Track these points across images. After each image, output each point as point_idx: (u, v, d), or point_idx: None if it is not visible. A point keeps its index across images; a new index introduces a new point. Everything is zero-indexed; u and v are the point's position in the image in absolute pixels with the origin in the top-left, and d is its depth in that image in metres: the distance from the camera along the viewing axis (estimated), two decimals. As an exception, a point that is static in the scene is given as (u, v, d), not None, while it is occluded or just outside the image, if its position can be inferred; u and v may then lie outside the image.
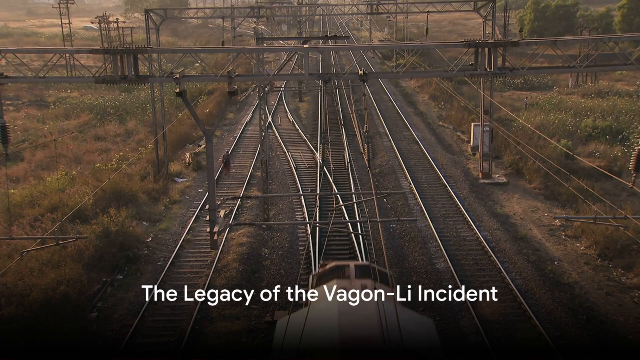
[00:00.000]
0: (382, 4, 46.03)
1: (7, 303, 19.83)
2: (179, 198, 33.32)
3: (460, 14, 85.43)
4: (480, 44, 18.02)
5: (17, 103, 55.58)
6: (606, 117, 44.84)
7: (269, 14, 50.51)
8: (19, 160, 38.51)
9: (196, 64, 66.69)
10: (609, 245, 25.62)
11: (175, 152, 41.56)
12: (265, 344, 19.58)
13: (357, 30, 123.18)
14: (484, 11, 34.50)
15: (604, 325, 20.63)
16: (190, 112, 16.88)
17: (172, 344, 19.71)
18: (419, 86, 64.06)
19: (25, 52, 22.84)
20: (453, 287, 22.95)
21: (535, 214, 30.44)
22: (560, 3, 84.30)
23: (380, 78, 60.52)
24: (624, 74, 62.38)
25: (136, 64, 18.07)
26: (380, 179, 35.32)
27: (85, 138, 43.59)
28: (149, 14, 34.66)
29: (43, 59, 53.58)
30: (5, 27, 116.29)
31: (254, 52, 26.16)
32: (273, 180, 35.26)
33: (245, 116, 52.84)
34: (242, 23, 63.23)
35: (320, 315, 12.67)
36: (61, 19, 70.07)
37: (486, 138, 35.44)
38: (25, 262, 21.90)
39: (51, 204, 27.63)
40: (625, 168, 32.13)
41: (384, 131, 45.98)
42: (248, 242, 27.04)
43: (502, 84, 59.59)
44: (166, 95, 43.97)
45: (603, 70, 44.49)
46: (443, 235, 27.40)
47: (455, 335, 20.04)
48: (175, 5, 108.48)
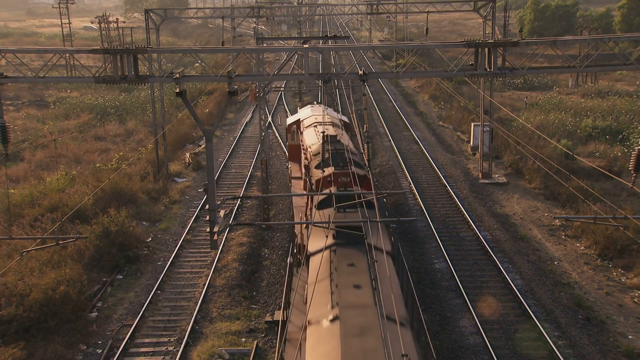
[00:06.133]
0: (382, 4, 46.00)
1: (7, 303, 19.83)
2: (179, 198, 33.33)
3: (460, 14, 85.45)
4: (480, 44, 18.02)
5: (17, 103, 55.59)
6: (606, 117, 44.83)
7: (269, 14, 50.51)
8: (19, 160, 38.51)
9: (196, 64, 66.75)
10: (609, 245, 25.62)
11: (175, 152, 41.57)
12: (265, 343, 19.60)
13: (357, 30, 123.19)
14: (484, 11, 34.51)
15: (604, 325, 20.64)
16: (190, 112, 16.87)
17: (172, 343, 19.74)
18: (419, 86, 64.07)
19: (25, 52, 22.80)
20: (453, 287, 22.97)
21: (535, 214, 30.44)
22: (560, 3, 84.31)
23: (380, 78, 60.52)
24: (624, 74, 62.40)
25: (136, 64, 18.06)
26: (380, 179, 35.31)
27: (85, 138, 43.59)
28: (149, 14, 34.67)
29: (43, 59, 53.62)
30: (5, 27, 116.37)
31: (254, 52, 26.18)
32: (273, 180, 35.26)
33: (245, 116, 52.88)
34: (242, 23, 63.17)
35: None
36: (61, 19, 70.09)
37: (486, 138, 35.44)
38: (25, 262, 21.91)
39: (51, 204, 27.63)
40: (625, 168, 32.15)
41: (384, 131, 45.99)
42: (248, 242, 27.05)
43: (502, 84, 59.60)
44: (166, 95, 43.99)
45: (603, 70, 44.43)
46: (443, 235, 27.40)
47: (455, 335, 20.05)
48: (175, 5, 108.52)
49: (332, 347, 10.45)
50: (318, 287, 12.63)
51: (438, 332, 20.04)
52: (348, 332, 10.76)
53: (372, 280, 12.42)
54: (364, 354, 10.03)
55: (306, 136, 26.20)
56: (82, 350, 19.45)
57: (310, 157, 22.48)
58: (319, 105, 32.64)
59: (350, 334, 10.69)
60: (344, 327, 10.87)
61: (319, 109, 30.64)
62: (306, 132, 26.97)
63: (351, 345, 10.39)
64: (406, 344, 10.42)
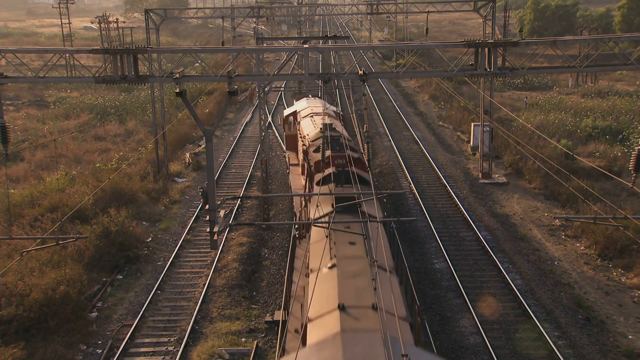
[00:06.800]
0: (382, 4, 46.02)
1: (7, 303, 19.84)
2: (179, 198, 33.33)
3: (460, 14, 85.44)
4: (480, 44, 18.02)
5: (17, 103, 55.59)
6: (606, 117, 44.83)
7: (269, 14, 50.52)
8: (19, 160, 38.51)
9: (196, 64, 66.77)
10: (609, 245, 25.62)
11: (175, 152, 41.57)
12: (265, 344, 19.60)
13: (357, 30, 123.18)
14: (484, 11, 34.50)
15: (604, 325, 20.64)
16: (190, 112, 16.87)
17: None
18: (419, 86, 64.07)
19: (25, 52, 22.83)
20: (453, 287, 22.97)
21: (535, 214, 30.44)
22: (560, 3, 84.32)
23: (380, 78, 60.54)
24: (624, 74, 62.40)
25: (136, 64, 18.07)
26: (380, 178, 35.31)
27: (85, 138, 43.59)
28: (149, 14, 34.66)
29: (43, 59, 53.59)
30: (5, 27, 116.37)
31: (254, 52, 26.18)
32: (273, 180, 35.26)
33: (245, 116, 52.89)
34: (242, 23, 63.19)
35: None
36: (61, 19, 70.10)
37: (486, 138, 35.44)
38: (25, 262, 21.91)
39: (51, 204, 27.63)
40: (625, 168, 32.15)
41: (384, 131, 45.99)
42: (248, 242, 27.05)
43: (502, 84, 59.60)
44: (166, 95, 43.99)
45: (603, 70, 44.45)
46: (443, 235, 27.40)
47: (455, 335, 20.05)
48: (175, 5, 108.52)
49: (331, 286, 12.49)
50: (319, 245, 14.67)
51: (438, 332, 20.04)
52: (343, 276, 12.77)
53: (365, 238, 14.69)
54: (356, 292, 12.18)
55: (304, 125, 28.51)
56: (82, 350, 19.46)
57: (309, 143, 24.61)
58: (314, 98, 35.71)
59: (345, 277, 12.73)
60: (340, 272, 12.90)
61: (314, 101, 33.73)
62: (303, 122, 29.16)
63: (346, 285, 12.41)
64: (393, 286, 12.60)
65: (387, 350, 9.79)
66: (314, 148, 23.38)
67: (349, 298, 11.93)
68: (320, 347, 10.50)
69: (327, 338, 10.79)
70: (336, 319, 11.36)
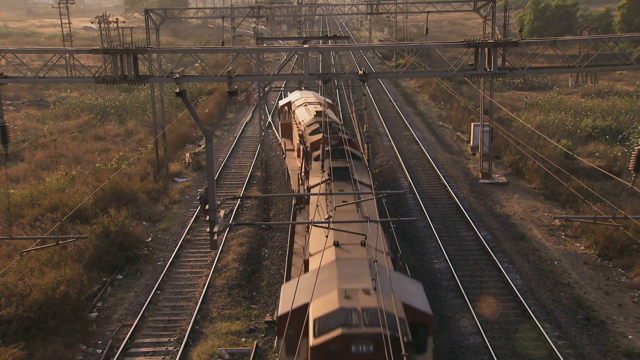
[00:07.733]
0: (382, 4, 46.01)
1: (7, 303, 19.84)
2: (179, 198, 33.33)
3: (460, 14, 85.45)
4: (480, 44, 18.02)
5: (17, 103, 55.59)
6: (606, 117, 44.83)
7: (269, 14, 50.51)
8: (19, 160, 38.51)
9: (196, 64, 66.79)
10: (609, 245, 25.62)
11: (175, 152, 41.56)
12: (264, 343, 19.60)
13: (357, 30, 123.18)
14: (483, 11, 34.50)
15: (604, 325, 20.64)
16: (190, 112, 16.87)
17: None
18: (419, 86, 64.06)
19: (25, 52, 22.82)
20: (453, 287, 22.96)
21: (535, 213, 30.44)
22: (560, 3, 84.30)
23: (380, 78, 60.53)
24: (624, 74, 62.40)
25: (136, 64, 18.07)
26: (380, 178, 35.31)
27: (85, 138, 43.59)
28: (149, 14, 34.66)
29: (43, 59, 53.64)
30: (5, 27, 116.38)
31: (254, 52, 26.19)
32: (273, 180, 35.26)
33: (245, 116, 52.88)
34: (242, 23, 63.21)
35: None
36: (61, 19, 70.09)
37: (486, 138, 35.43)
38: (25, 262, 21.91)
39: (51, 204, 27.63)
40: (625, 168, 32.16)
41: (384, 131, 45.98)
42: (248, 242, 27.05)
43: (502, 84, 59.59)
44: (166, 95, 44.00)
45: (603, 70, 44.40)
46: (443, 235, 27.40)
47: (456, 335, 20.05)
48: (175, 5, 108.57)
49: (328, 232, 15.84)
50: (319, 204, 18.01)
51: (438, 332, 20.04)
52: (338, 224, 16.03)
53: (355, 195, 18.85)
54: (348, 235, 15.80)
55: (298, 113, 31.88)
56: (82, 350, 19.46)
57: (304, 128, 28.18)
58: (307, 90, 40.23)
59: (339, 225, 16.05)
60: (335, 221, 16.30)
61: (306, 93, 37.70)
62: (298, 110, 32.50)
63: (340, 231, 15.91)
64: (379, 232, 16.38)
65: (372, 271, 13.08)
66: (309, 131, 27.14)
67: (342, 238, 15.67)
68: (319, 270, 13.54)
69: (325, 265, 14.01)
70: (332, 252, 14.85)
